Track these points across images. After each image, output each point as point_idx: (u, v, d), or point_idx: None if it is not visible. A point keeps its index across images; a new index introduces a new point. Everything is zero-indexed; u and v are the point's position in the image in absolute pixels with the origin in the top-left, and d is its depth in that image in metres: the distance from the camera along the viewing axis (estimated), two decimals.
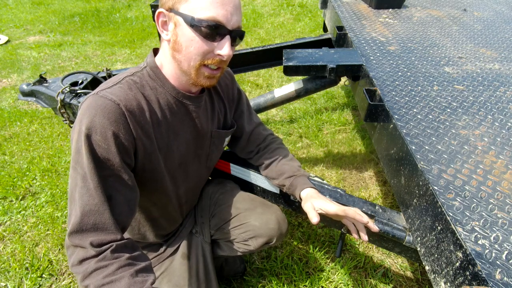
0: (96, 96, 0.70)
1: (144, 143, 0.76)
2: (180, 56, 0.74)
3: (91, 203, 0.66)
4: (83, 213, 0.66)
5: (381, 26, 1.66)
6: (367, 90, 1.11)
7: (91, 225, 0.66)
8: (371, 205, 0.98)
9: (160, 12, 0.73)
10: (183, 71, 0.77)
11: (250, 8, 5.16)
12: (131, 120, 0.72)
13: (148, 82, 0.79)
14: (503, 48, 1.43)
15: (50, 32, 4.48)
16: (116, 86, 0.74)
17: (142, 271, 0.68)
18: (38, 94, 1.57)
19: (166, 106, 0.81)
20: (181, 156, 0.89)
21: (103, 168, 0.68)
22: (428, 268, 0.74)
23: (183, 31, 0.71)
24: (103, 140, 0.67)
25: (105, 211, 0.67)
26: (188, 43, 0.71)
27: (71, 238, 0.66)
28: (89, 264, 0.64)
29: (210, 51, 0.73)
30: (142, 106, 0.75)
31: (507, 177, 0.76)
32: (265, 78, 3.19)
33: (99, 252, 0.65)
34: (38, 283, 1.43)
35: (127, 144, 0.71)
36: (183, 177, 0.95)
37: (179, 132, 0.86)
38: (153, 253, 1.08)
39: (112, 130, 0.68)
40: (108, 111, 0.68)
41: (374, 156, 2.15)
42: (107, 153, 0.68)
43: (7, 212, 1.77)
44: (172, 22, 0.73)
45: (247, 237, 1.06)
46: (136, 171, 0.78)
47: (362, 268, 1.49)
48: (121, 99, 0.71)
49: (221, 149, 1.05)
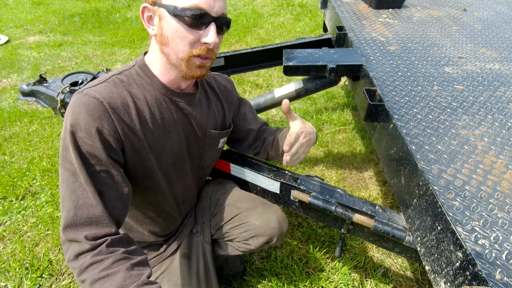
0: (80, 94, 0.72)
1: (131, 139, 0.77)
2: (167, 49, 0.75)
3: (84, 196, 0.67)
4: (76, 206, 0.66)
5: (381, 26, 1.66)
6: (367, 90, 1.11)
7: (85, 218, 0.66)
8: (371, 205, 0.98)
9: (144, 7, 0.74)
10: (172, 64, 0.77)
11: (250, 8, 5.16)
12: (115, 116, 0.72)
13: (135, 80, 0.80)
14: (503, 48, 1.43)
15: (50, 32, 4.48)
16: (102, 85, 0.75)
17: (138, 264, 0.68)
18: (38, 94, 1.57)
19: (155, 103, 0.81)
20: (174, 154, 0.89)
21: (91, 164, 0.69)
22: (428, 268, 0.74)
23: (168, 23, 0.71)
24: (87, 137, 0.68)
25: (97, 204, 0.67)
26: (174, 34, 0.72)
27: (66, 232, 0.66)
28: (85, 258, 0.64)
29: (196, 40, 0.73)
30: (127, 104, 0.76)
31: (507, 177, 0.76)
32: (265, 78, 3.19)
33: (94, 246, 0.65)
34: (38, 283, 1.43)
35: (111, 140, 0.72)
36: (178, 175, 0.95)
37: (172, 129, 0.86)
38: (154, 253, 1.08)
39: (95, 126, 0.69)
40: (91, 108, 0.69)
41: (374, 156, 2.15)
42: (92, 149, 0.69)
43: (7, 212, 1.77)
44: (156, 16, 0.73)
45: (248, 236, 1.06)
46: (127, 168, 0.79)
47: (362, 268, 1.49)
48: (105, 96, 0.72)
49: (215, 150, 1.05)
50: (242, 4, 5.38)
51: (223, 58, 1.86)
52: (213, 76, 1.03)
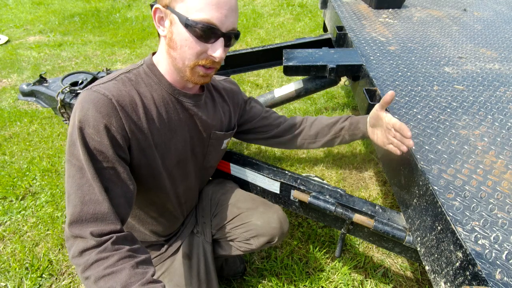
0: (89, 90, 0.72)
1: (138, 138, 0.77)
2: (175, 53, 0.75)
3: (90, 192, 0.67)
4: (83, 202, 0.66)
5: (381, 26, 1.66)
6: (367, 90, 1.11)
7: (91, 214, 0.66)
8: (371, 205, 0.98)
9: (156, 8, 0.74)
10: (177, 68, 0.78)
11: (250, 8, 5.16)
12: (123, 114, 0.73)
13: (143, 79, 0.80)
14: (503, 48, 1.43)
15: (50, 32, 4.48)
16: (111, 82, 0.75)
17: (142, 263, 0.68)
18: (38, 94, 1.57)
19: (162, 102, 0.82)
20: (179, 154, 0.89)
21: (98, 161, 0.69)
22: (428, 268, 0.74)
23: (178, 30, 0.72)
24: (95, 133, 0.69)
25: (104, 201, 0.67)
26: (183, 42, 0.72)
27: (71, 228, 0.66)
28: (90, 255, 0.64)
29: (203, 51, 0.74)
30: (135, 102, 0.76)
31: (507, 177, 0.76)
32: (265, 78, 3.19)
33: (100, 242, 0.65)
34: (38, 283, 1.43)
35: (119, 137, 0.72)
36: (182, 176, 0.95)
37: (177, 129, 0.86)
38: (155, 253, 1.09)
39: (104, 123, 0.69)
40: (100, 105, 0.70)
41: (374, 156, 2.15)
42: (100, 145, 0.69)
43: (7, 212, 1.77)
44: (168, 19, 0.73)
45: (249, 236, 1.06)
46: (133, 166, 0.79)
47: (362, 268, 1.49)
48: (114, 94, 0.72)
49: (219, 151, 1.05)
50: (242, 4, 5.38)
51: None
52: (218, 80, 1.05)
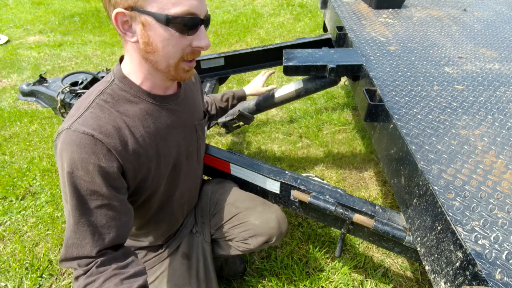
0: (69, 131, 0.67)
1: (130, 161, 0.75)
2: (155, 57, 0.71)
3: (73, 237, 0.69)
4: (67, 245, 0.69)
5: (381, 26, 1.66)
6: (367, 90, 1.11)
7: (75, 255, 0.69)
8: (371, 205, 0.98)
9: (118, 12, 0.65)
10: (159, 70, 0.75)
11: (250, 8, 5.15)
12: (111, 144, 0.69)
13: (120, 96, 0.75)
14: (503, 48, 1.43)
15: (50, 32, 4.48)
16: (87, 113, 0.70)
17: (129, 277, 0.69)
18: (38, 94, 1.58)
19: (146, 115, 0.78)
20: (174, 158, 0.89)
21: (92, 201, 0.69)
22: (428, 268, 0.74)
23: (156, 31, 0.67)
24: (85, 175, 0.67)
25: (86, 245, 0.69)
26: (165, 42, 0.69)
27: (62, 264, 0.71)
28: (80, 281, 0.68)
29: (187, 45, 0.72)
30: (118, 125, 0.72)
31: (507, 177, 0.76)
32: None
33: (86, 270, 0.69)
34: (38, 283, 1.43)
35: (112, 170, 0.69)
36: (179, 178, 0.95)
37: (167, 136, 0.85)
38: (153, 253, 1.08)
39: (92, 162, 0.67)
40: (83, 145, 0.66)
41: (374, 156, 2.15)
42: (92, 185, 0.68)
43: (7, 212, 1.77)
44: (137, 22, 0.67)
45: (247, 236, 1.06)
46: (130, 186, 0.78)
47: (362, 268, 1.49)
48: (94, 127, 0.68)
49: (204, 139, 1.07)
50: (242, 4, 5.38)
51: (223, 58, 1.86)
52: None
